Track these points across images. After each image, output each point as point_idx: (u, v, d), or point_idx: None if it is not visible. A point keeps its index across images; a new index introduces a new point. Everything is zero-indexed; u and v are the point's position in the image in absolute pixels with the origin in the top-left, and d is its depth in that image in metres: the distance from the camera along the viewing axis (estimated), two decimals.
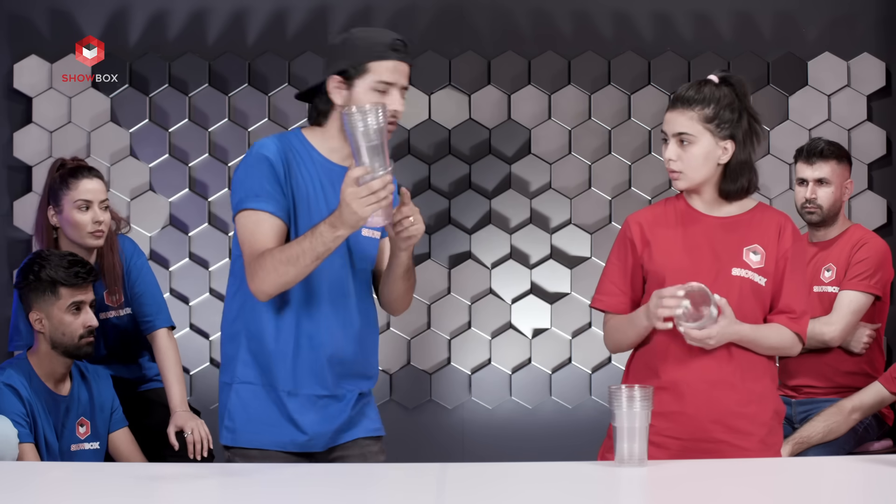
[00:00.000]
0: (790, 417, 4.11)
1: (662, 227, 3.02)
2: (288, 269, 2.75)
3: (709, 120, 2.94)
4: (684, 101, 2.96)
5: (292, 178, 2.88)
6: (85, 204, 3.73)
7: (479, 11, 5.16)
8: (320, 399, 2.90)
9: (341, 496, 2.40)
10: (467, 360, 5.09)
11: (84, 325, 3.54)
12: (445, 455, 4.93)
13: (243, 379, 2.91)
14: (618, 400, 2.55)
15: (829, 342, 3.99)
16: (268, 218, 2.83)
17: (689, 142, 2.94)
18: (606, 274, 3.08)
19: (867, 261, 4.03)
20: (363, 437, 2.98)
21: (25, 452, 3.44)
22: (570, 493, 2.43)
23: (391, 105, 2.84)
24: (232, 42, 5.11)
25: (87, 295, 3.56)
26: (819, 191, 4.10)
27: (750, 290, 2.95)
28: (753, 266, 2.96)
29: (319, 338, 2.89)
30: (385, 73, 2.84)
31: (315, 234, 2.74)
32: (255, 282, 2.80)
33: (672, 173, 2.98)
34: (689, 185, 2.98)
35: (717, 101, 2.95)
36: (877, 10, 5.15)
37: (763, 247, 2.97)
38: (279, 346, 2.88)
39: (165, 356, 3.82)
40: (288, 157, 2.88)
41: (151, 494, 2.48)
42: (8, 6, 5.08)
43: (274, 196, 2.84)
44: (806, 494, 2.45)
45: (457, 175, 5.12)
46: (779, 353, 3.01)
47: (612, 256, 3.08)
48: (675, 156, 2.96)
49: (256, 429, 2.90)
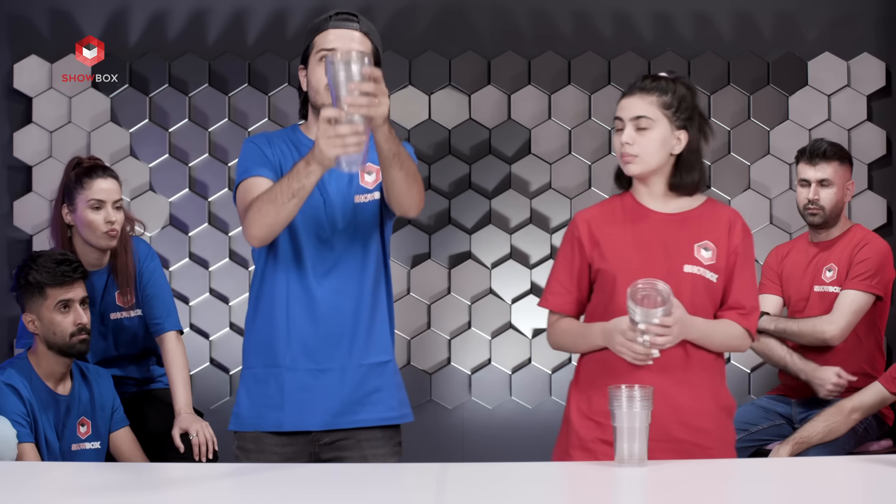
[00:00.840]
0: (790, 417, 4.12)
1: (611, 224, 3.00)
2: (268, 207, 2.77)
3: (667, 107, 2.94)
4: (643, 88, 2.96)
5: (283, 158, 2.93)
6: (98, 203, 3.74)
7: (479, 11, 5.16)
8: (316, 372, 2.91)
9: (341, 496, 2.40)
10: (467, 360, 5.09)
11: (74, 323, 3.54)
12: (445, 455, 4.93)
13: (248, 365, 2.98)
14: (618, 400, 2.55)
15: (828, 340, 3.99)
16: (258, 180, 2.88)
17: (646, 126, 2.93)
18: (554, 273, 3.06)
19: (868, 261, 4.03)
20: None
21: (26, 452, 3.44)
22: (570, 493, 2.43)
23: None
24: (232, 42, 5.11)
25: (74, 293, 3.55)
26: (822, 192, 4.10)
27: (702, 287, 2.92)
28: (705, 262, 2.93)
29: (316, 311, 2.90)
30: (327, 42, 2.88)
31: (291, 172, 2.75)
32: (246, 228, 2.84)
33: (626, 157, 2.95)
34: (643, 170, 2.95)
35: (673, 92, 2.96)
36: (877, 10, 5.15)
37: (714, 243, 2.95)
38: (283, 324, 2.91)
39: (173, 359, 3.83)
40: (276, 141, 2.96)
41: (152, 494, 2.48)
42: (8, 6, 5.08)
43: (262, 163, 2.90)
44: (806, 494, 2.45)
45: (457, 175, 5.12)
46: (729, 349, 2.99)
47: (560, 256, 3.06)
48: (631, 139, 2.94)
49: (258, 412, 2.93)
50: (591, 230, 3.00)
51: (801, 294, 4.16)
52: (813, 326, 4.01)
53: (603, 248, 2.97)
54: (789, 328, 4.05)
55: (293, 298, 2.92)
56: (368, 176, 2.97)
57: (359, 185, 2.96)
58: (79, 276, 3.56)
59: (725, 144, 5.12)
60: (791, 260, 4.24)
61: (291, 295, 2.92)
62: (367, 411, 2.95)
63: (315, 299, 2.91)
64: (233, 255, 5.08)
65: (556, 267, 3.06)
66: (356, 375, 2.94)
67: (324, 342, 2.92)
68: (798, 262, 4.21)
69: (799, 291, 4.17)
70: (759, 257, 4.97)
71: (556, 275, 3.05)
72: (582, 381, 3.00)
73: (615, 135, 2.99)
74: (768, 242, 4.96)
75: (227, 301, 5.06)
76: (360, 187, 2.96)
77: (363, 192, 2.96)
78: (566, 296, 3.03)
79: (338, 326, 2.92)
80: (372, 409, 2.95)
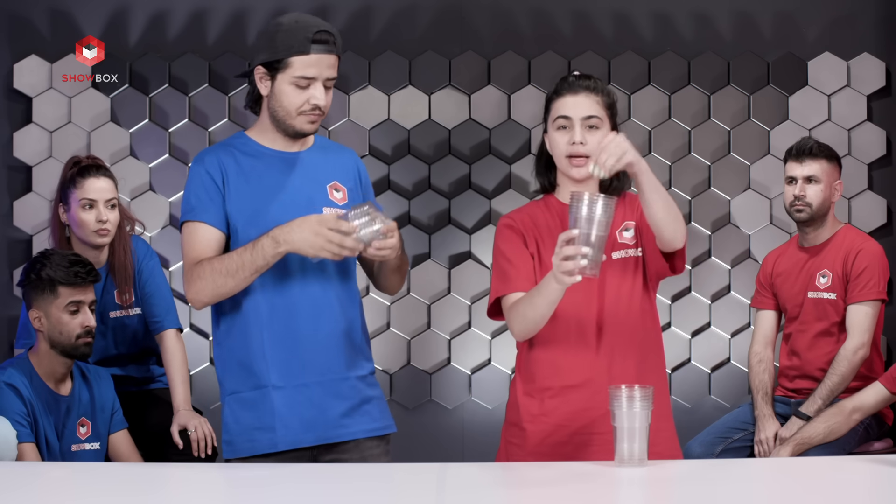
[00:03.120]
0: (789, 418, 4.11)
1: (543, 224, 2.93)
2: (226, 280, 2.79)
3: (609, 107, 2.91)
4: (588, 87, 2.90)
5: (243, 177, 2.89)
6: (89, 203, 3.75)
7: (479, 11, 5.16)
8: (307, 388, 2.89)
9: (341, 496, 2.40)
10: (467, 360, 5.09)
11: (82, 326, 3.54)
12: (445, 455, 4.93)
13: (231, 390, 2.92)
14: (618, 400, 2.55)
15: (863, 358, 4.00)
16: (203, 227, 2.86)
17: (596, 126, 2.87)
18: (500, 265, 2.91)
19: (868, 269, 4.04)
20: (364, 439, 2.95)
21: (26, 452, 3.44)
22: (570, 493, 2.43)
23: (312, 99, 2.85)
24: (232, 42, 5.11)
25: (86, 295, 3.56)
26: (808, 188, 4.11)
27: (632, 266, 2.89)
28: (629, 242, 2.90)
29: (295, 325, 2.87)
30: (305, 68, 2.84)
31: (256, 248, 2.75)
32: (192, 290, 2.83)
33: (577, 159, 2.86)
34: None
35: (610, 93, 2.93)
36: (877, 10, 5.14)
37: (634, 220, 2.91)
38: (259, 343, 2.87)
39: (172, 357, 3.84)
40: (228, 162, 2.90)
41: (152, 494, 2.48)
42: (8, 6, 5.08)
43: (208, 207, 2.87)
44: (806, 494, 2.45)
45: (457, 175, 5.12)
46: (674, 214, 2.79)
47: (504, 250, 2.92)
48: (584, 139, 2.86)
49: (250, 436, 2.89)
50: (526, 228, 2.92)
51: (795, 301, 4.16)
52: (844, 369, 3.99)
53: (541, 246, 2.91)
54: (832, 393, 4.02)
55: (269, 315, 2.88)
56: (336, 193, 2.99)
57: (327, 199, 2.96)
58: (91, 279, 3.57)
59: (725, 144, 5.12)
60: (782, 265, 4.24)
61: (265, 312, 2.88)
62: (361, 423, 2.94)
63: (295, 313, 2.88)
64: None
65: (502, 258, 2.92)
66: (344, 387, 2.93)
67: (309, 357, 2.89)
68: (789, 268, 4.21)
69: (792, 298, 4.17)
70: (757, 257, 4.98)
71: (504, 264, 2.91)
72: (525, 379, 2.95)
73: (556, 134, 2.89)
74: (768, 242, 4.96)
75: None
76: (329, 201, 2.96)
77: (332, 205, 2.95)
78: (522, 280, 2.88)
79: (322, 339, 2.90)
80: (365, 419, 2.95)
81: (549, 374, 2.89)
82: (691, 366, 5.07)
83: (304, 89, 2.85)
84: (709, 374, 5.06)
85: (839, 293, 4.07)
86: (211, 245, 2.86)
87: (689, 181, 5.11)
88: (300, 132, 2.91)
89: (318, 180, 2.96)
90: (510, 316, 2.89)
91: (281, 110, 2.88)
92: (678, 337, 5.06)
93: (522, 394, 2.93)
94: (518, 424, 2.92)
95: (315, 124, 2.90)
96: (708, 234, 5.10)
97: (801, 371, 4.14)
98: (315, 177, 2.96)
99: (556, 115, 2.91)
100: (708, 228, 5.10)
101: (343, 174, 3.00)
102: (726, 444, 4.13)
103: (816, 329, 4.11)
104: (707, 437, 4.16)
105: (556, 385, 2.88)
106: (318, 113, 2.87)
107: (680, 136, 5.12)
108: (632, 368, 2.87)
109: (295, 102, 2.86)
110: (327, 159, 3.00)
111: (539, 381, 2.91)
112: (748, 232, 5.10)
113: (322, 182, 2.96)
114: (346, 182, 3.00)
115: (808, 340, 4.12)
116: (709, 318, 5.08)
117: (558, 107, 2.91)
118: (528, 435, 2.89)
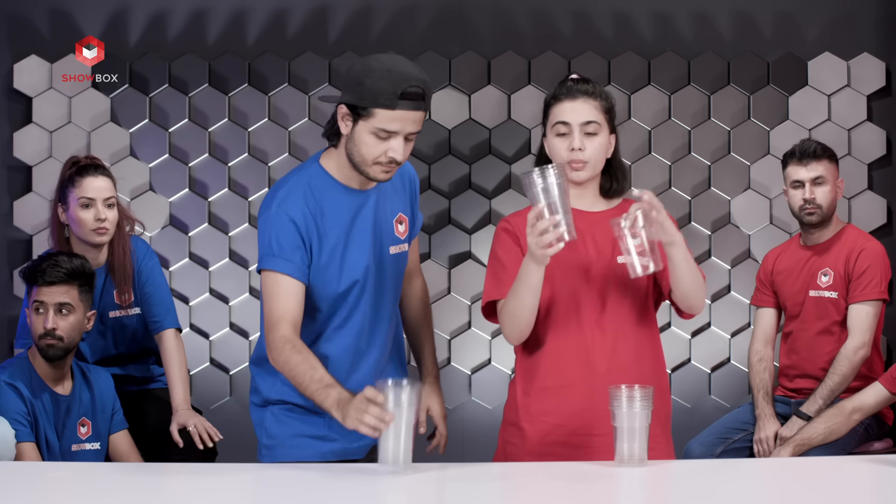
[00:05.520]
0: (789, 418, 4.11)
1: None
2: (292, 379, 2.78)
3: (607, 111, 2.91)
4: (586, 92, 2.90)
5: (327, 226, 2.89)
6: (87, 202, 3.75)
7: (479, 11, 5.16)
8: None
9: (341, 496, 2.40)
10: (467, 360, 5.09)
11: (44, 326, 3.53)
12: (445, 455, 4.93)
13: (278, 398, 2.96)
14: (618, 400, 2.55)
15: (864, 357, 4.00)
16: (286, 281, 2.84)
17: (594, 132, 2.88)
18: (499, 269, 2.91)
19: (870, 269, 4.04)
20: None
21: (26, 452, 3.44)
22: (570, 493, 2.43)
23: (390, 152, 2.80)
24: (232, 42, 5.11)
25: (49, 297, 3.53)
26: (817, 190, 4.11)
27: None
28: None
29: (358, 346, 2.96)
30: (388, 122, 2.78)
31: (321, 395, 2.69)
32: (271, 357, 2.83)
33: (576, 164, 2.86)
34: (590, 175, 2.88)
35: (607, 97, 2.93)
36: (877, 10, 5.14)
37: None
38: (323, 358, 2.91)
39: (171, 356, 3.84)
40: (315, 212, 2.88)
41: (152, 494, 2.48)
42: (8, 6, 5.08)
43: (292, 257, 2.84)
44: (806, 494, 2.45)
45: (457, 175, 5.12)
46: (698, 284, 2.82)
47: (499, 254, 2.92)
48: (582, 145, 2.86)
49: (294, 442, 2.93)
50: (522, 232, 2.90)
51: (795, 299, 4.16)
52: (845, 369, 3.99)
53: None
54: (833, 393, 4.02)
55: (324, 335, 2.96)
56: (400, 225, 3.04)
57: (393, 236, 3.01)
58: (55, 279, 3.52)
59: (725, 144, 5.12)
60: (783, 263, 4.24)
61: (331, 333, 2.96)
62: None
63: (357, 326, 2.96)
64: (233, 255, 5.08)
65: (497, 262, 2.92)
66: None
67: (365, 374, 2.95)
68: (791, 266, 4.21)
69: (793, 296, 4.17)
70: (757, 257, 4.98)
71: (498, 268, 2.91)
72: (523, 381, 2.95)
73: (555, 140, 2.90)
74: (768, 242, 4.96)
75: (227, 301, 5.06)
76: (395, 237, 3.01)
77: (397, 242, 3.02)
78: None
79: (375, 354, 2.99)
80: None
81: (548, 374, 2.90)
82: (691, 366, 5.07)
83: (384, 140, 2.79)
84: (709, 374, 5.06)
85: (841, 292, 4.07)
86: (292, 299, 2.84)
87: (689, 181, 5.11)
88: (373, 179, 2.88)
89: (386, 218, 2.99)
90: (501, 320, 2.90)
91: (357, 156, 2.84)
92: (678, 337, 5.06)
93: (522, 393, 2.93)
94: (517, 424, 2.92)
95: (389, 174, 2.85)
96: (708, 234, 5.10)
97: (801, 370, 4.15)
98: (384, 215, 2.98)
99: (555, 120, 2.92)
100: (708, 228, 5.10)
101: (403, 202, 3.05)
102: (726, 444, 4.13)
103: (817, 327, 4.11)
104: (707, 437, 4.16)
105: (556, 385, 2.88)
106: (394, 165, 2.83)
107: (680, 137, 5.12)
108: (631, 368, 2.87)
109: (373, 153, 2.81)
110: (394, 188, 3.03)
111: (538, 380, 2.91)
112: (748, 232, 5.10)
113: (389, 219, 3.00)
114: (405, 209, 3.05)
115: (809, 339, 4.12)
116: (709, 318, 5.08)
117: (557, 113, 2.92)
118: (527, 434, 2.89)
